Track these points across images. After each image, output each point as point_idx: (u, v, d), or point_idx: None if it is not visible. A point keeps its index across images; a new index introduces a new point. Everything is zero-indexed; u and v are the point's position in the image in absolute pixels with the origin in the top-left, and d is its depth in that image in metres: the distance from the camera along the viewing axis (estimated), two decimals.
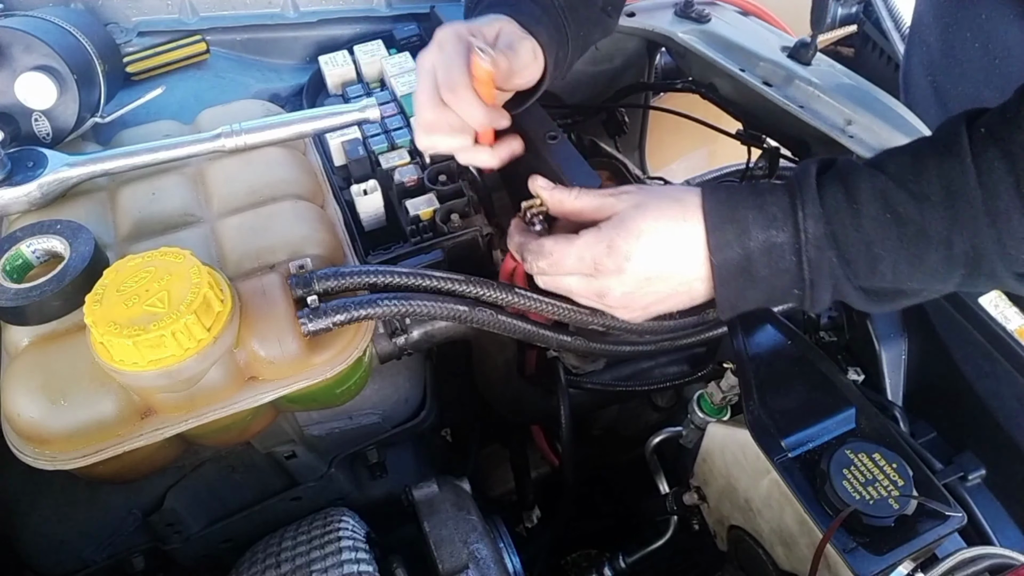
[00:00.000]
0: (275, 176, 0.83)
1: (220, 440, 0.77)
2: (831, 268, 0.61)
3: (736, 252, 0.62)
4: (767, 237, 0.61)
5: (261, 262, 0.75)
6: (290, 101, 1.10)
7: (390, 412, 0.95)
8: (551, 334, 0.81)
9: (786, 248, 0.61)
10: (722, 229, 0.62)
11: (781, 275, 0.62)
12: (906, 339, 0.96)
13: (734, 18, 1.14)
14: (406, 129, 0.93)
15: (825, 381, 0.76)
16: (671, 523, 0.99)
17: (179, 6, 1.08)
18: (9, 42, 0.84)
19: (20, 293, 0.68)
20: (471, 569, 0.78)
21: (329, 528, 0.79)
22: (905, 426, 0.90)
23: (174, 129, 0.90)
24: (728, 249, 0.62)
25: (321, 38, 1.14)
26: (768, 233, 0.61)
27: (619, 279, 0.66)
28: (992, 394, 0.87)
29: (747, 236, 0.62)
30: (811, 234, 0.60)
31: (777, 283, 0.63)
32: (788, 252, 0.61)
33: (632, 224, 0.65)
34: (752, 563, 0.80)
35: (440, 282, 0.75)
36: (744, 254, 0.62)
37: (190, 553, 0.93)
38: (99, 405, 0.66)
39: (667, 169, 1.66)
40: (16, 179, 0.78)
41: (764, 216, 0.61)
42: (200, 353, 0.62)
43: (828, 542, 0.64)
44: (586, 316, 0.75)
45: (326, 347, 0.71)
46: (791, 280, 0.63)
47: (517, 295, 0.74)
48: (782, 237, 0.61)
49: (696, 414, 0.91)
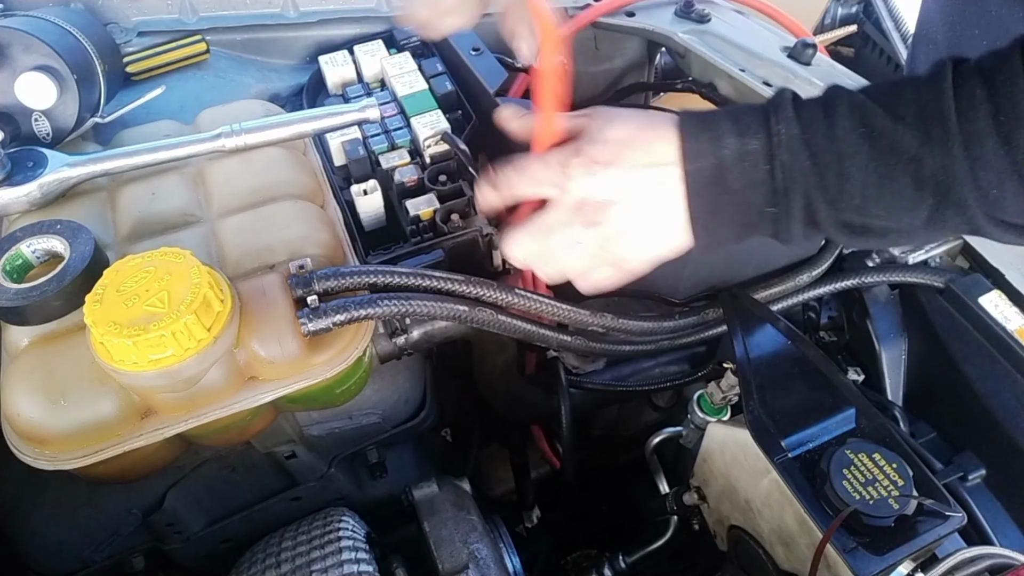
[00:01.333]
0: (275, 176, 0.83)
1: (220, 440, 0.77)
2: (804, 175, 0.60)
3: (710, 160, 0.61)
4: (740, 144, 0.60)
5: (261, 262, 0.75)
6: (290, 101, 1.09)
7: (390, 412, 0.95)
8: (551, 334, 0.81)
9: (760, 155, 0.60)
10: (696, 137, 0.62)
11: (755, 187, 0.61)
12: (906, 339, 0.96)
13: (734, 18, 1.14)
14: (406, 129, 0.93)
15: (825, 381, 0.76)
16: (671, 523, 0.99)
17: (179, 6, 1.08)
18: (9, 42, 0.84)
19: (20, 293, 0.68)
20: (471, 569, 0.78)
21: (329, 528, 0.79)
22: (905, 426, 0.90)
23: (174, 129, 0.90)
24: (702, 158, 0.61)
25: (321, 38, 1.14)
26: (741, 140, 0.60)
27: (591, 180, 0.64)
28: (992, 394, 0.87)
29: (721, 144, 0.61)
30: (784, 136, 0.59)
31: (751, 197, 0.62)
32: (761, 160, 0.60)
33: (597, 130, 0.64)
34: (752, 563, 0.80)
35: (440, 282, 0.75)
36: (717, 163, 0.61)
37: (190, 553, 0.93)
38: (99, 405, 0.66)
39: None
40: (16, 179, 0.78)
41: (738, 126, 0.61)
42: (200, 353, 0.62)
43: (828, 542, 0.64)
44: (586, 317, 0.76)
45: (326, 347, 0.71)
46: (765, 195, 0.61)
47: (517, 295, 0.74)
48: (755, 144, 0.60)
49: (696, 414, 0.91)
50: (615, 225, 0.65)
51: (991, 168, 0.55)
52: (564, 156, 0.65)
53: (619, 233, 0.65)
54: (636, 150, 0.63)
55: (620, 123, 0.65)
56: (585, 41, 1.23)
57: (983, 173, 0.55)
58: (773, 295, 0.95)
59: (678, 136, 0.62)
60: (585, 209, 0.65)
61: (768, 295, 0.95)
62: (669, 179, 0.63)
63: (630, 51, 1.26)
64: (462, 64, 0.99)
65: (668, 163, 0.62)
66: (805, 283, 0.96)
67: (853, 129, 0.58)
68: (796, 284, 0.95)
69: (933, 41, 1.06)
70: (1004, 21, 0.89)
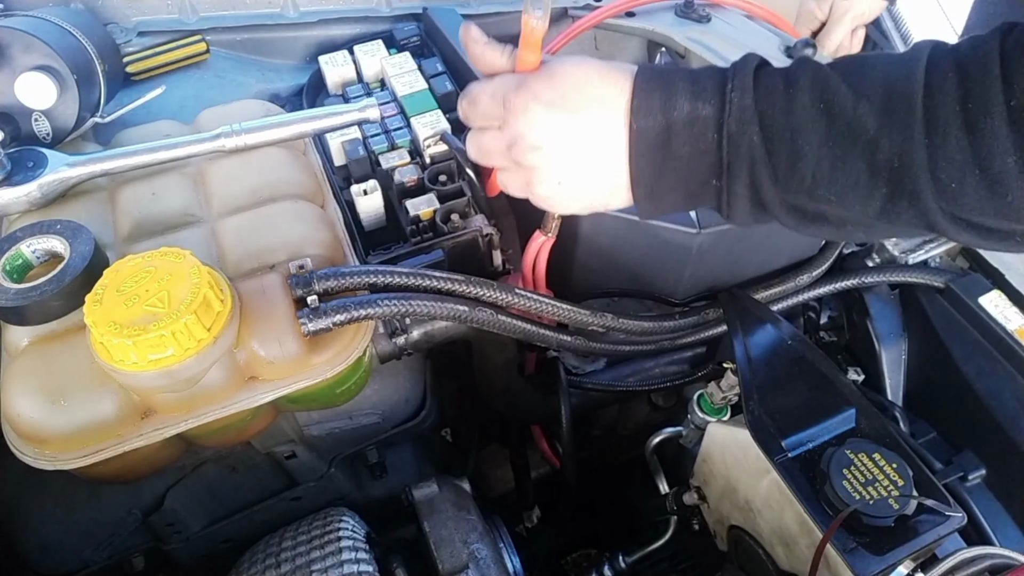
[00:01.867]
0: (275, 176, 0.83)
1: (220, 440, 0.77)
2: (750, 150, 0.56)
3: (658, 121, 0.58)
4: (692, 109, 0.57)
5: (261, 262, 0.75)
6: (290, 101, 1.10)
7: (390, 412, 0.95)
8: (551, 334, 0.81)
9: (709, 123, 0.57)
10: (648, 93, 0.58)
11: (700, 157, 0.58)
12: (906, 339, 0.96)
13: (734, 18, 1.14)
14: (406, 129, 0.93)
15: (825, 381, 0.76)
16: (671, 523, 0.99)
17: (179, 6, 1.08)
18: (9, 42, 0.84)
19: (20, 293, 0.68)
20: (471, 569, 0.78)
21: (329, 528, 0.79)
22: (905, 426, 0.90)
23: (174, 129, 0.90)
24: (651, 117, 0.58)
25: (321, 38, 1.14)
26: (694, 104, 0.57)
27: (525, 119, 0.60)
28: (992, 394, 0.87)
29: (672, 105, 0.57)
30: (736, 106, 0.56)
31: (696, 166, 0.58)
32: (711, 128, 0.57)
33: (549, 68, 0.61)
34: (752, 563, 0.80)
35: (440, 282, 0.75)
36: (666, 124, 0.58)
37: (190, 553, 0.93)
38: (99, 405, 0.66)
39: None
40: (16, 179, 0.78)
41: (694, 87, 0.57)
42: (200, 353, 0.62)
43: (828, 542, 0.64)
44: (586, 316, 0.76)
45: (326, 347, 0.71)
46: (710, 166, 0.58)
47: (517, 295, 0.74)
48: (707, 110, 0.57)
49: (696, 414, 0.91)
50: (541, 172, 0.62)
51: (952, 159, 0.51)
52: (507, 88, 0.61)
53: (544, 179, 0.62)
54: (581, 94, 0.59)
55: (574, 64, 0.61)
56: (585, 41, 1.23)
57: (943, 164, 0.51)
58: (773, 295, 0.95)
59: (630, 88, 0.58)
60: (514, 149, 0.62)
61: (768, 295, 0.95)
62: (611, 134, 0.59)
63: (630, 51, 1.26)
64: (462, 63, 0.99)
65: (613, 117, 0.59)
66: (805, 284, 0.96)
67: (812, 104, 0.55)
68: (796, 285, 0.95)
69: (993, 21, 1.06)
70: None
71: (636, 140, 0.59)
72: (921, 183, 0.52)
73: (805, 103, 0.55)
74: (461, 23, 1.04)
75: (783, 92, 0.56)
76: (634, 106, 0.58)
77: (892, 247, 0.99)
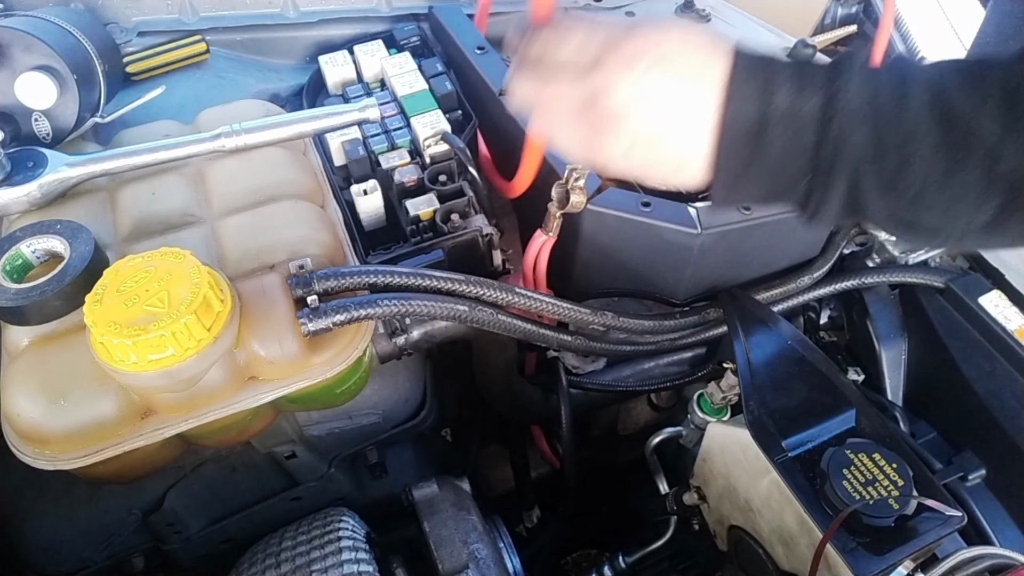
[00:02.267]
0: (275, 176, 0.83)
1: (220, 440, 0.77)
2: (858, 152, 0.52)
3: (754, 109, 0.52)
4: (795, 100, 0.52)
5: (261, 262, 0.75)
6: (290, 101, 1.09)
7: (390, 412, 0.95)
8: (551, 333, 0.81)
9: (813, 119, 0.52)
10: (746, 80, 0.52)
11: (796, 155, 0.53)
12: (906, 339, 0.96)
13: (734, 18, 1.14)
14: (406, 129, 0.93)
15: (825, 381, 0.77)
16: (671, 523, 1.00)
17: (179, 6, 1.08)
18: (9, 42, 0.84)
19: (20, 293, 0.68)
20: (471, 569, 0.78)
21: (329, 528, 0.79)
22: (905, 426, 0.90)
23: (174, 129, 0.90)
24: (746, 104, 0.52)
25: (321, 38, 1.13)
26: (799, 95, 0.52)
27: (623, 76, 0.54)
28: (992, 394, 0.87)
29: (772, 94, 0.52)
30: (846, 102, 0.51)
31: (789, 164, 0.54)
32: (814, 125, 0.52)
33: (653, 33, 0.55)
34: (752, 563, 0.80)
35: (440, 282, 0.75)
36: (762, 114, 0.52)
37: (190, 553, 0.93)
38: (99, 405, 0.66)
39: None
40: (16, 179, 0.78)
41: (800, 76, 0.52)
42: (200, 353, 0.62)
43: (828, 542, 0.64)
44: (586, 315, 0.76)
45: (326, 347, 0.71)
46: (805, 163, 0.53)
47: (517, 294, 0.74)
48: (811, 104, 0.52)
49: (696, 414, 0.91)
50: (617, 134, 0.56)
51: None
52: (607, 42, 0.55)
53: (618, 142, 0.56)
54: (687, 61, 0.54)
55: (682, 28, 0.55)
56: None
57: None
58: (774, 296, 0.95)
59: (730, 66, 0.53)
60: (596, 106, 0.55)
61: (769, 296, 0.95)
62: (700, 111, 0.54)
63: None
64: (467, 63, 0.99)
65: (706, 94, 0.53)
66: (806, 285, 0.96)
67: (928, 108, 0.50)
68: (797, 286, 0.95)
69: None
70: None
71: (727, 127, 0.53)
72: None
73: (921, 105, 0.51)
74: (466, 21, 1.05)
75: (897, 91, 0.51)
76: (730, 91, 0.52)
77: (892, 247, 0.98)
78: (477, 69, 0.97)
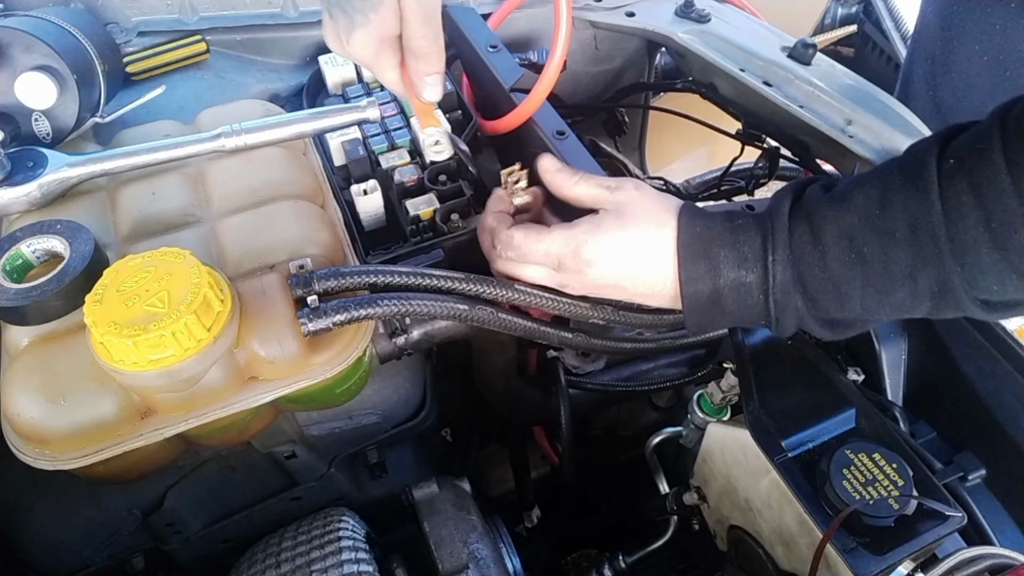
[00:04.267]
0: (275, 176, 0.83)
1: (220, 440, 0.77)
2: (796, 309, 0.63)
3: (707, 286, 0.64)
4: (737, 276, 0.63)
5: (261, 262, 0.75)
6: (290, 101, 1.10)
7: (390, 412, 0.95)
8: (552, 330, 0.80)
9: (754, 287, 0.63)
10: (694, 264, 0.64)
11: (749, 309, 0.65)
12: (906, 339, 0.96)
13: (734, 18, 1.14)
14: (406, 129, 0.93)
15: (825, 381, 0.77)
16: (671, 523, 0.99)
17: (179, 6, 1.08)
18: (9, 42, 0.84)
19: (20, 293, 0.68)
20: (471, 569, 0.78)
21: (329, 528, 0.79)
22: (905, 426, 0.90)
23: (174, 129, 0.90)
24: (699, 283, 0.65)
25: (321, 38, 1.13)
26: (739, 272, 0.63)
27: (579, 279, 0.69)
28: (992, 394, 0.87)
29: (718, 274, 0.64)
30: (779, 280, 0.62)
31: (745, 315, 0.65)
32: (756, 291, 0.63)
33: (602, 235, 0.67)
34: (752, 563, 0.80)
35: (440, 280, 0.75)
36: (714, 289, 0.64)
37: (190, 553, 0.93)
38: (99, 405, 0.66)
39: (667, 169, 1.66)
40: (16, 179, 0.78)
41: (736, 255, 0.63)
42: (200, 353, 0.62)
43: (828, 542, 0.64)
44: (586, 309, 0.75)
45: (326, 347, 0.71)
46: (758, 313, 0.65)
47: (517, 291, 0.74)
48: (751, 278, 0.63)
49: (696, 414, 0.91)
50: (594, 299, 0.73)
51: (990, 273, 0.55)
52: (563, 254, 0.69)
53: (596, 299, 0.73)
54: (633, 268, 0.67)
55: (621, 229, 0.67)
56: (585, 41, 1.23)
57: (981, 278, 0.55)
58: None
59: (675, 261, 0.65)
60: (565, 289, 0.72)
61: None
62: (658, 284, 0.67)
63: (630, 51, 1.26)
64: (479, 60, 0.99)
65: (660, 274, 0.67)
66: None
67: (844, 256, 0.59)
68: None
69: (931, 57, 1.05)
70: (1009, 35, 0.89)
71: (688, 302, 0.66)
72: (964, 300, 0.57)
73: (837, 256, 0.60)
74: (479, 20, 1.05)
75: (815, 251, 0.61)
76: (682, 277, 0.65)
77: None
78: (490, 67, 0.97)
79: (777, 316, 0.64)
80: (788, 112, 0.96)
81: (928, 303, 0.59)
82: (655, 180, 1.14)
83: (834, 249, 0.60)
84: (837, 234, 0.60)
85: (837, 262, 0.60)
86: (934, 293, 0.58)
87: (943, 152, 0.57)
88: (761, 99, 0.99)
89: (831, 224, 0.60)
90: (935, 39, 1.04)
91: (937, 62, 1.03)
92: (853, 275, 0.60)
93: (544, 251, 0.70)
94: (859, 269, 0.59)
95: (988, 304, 0.58)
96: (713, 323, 0.68)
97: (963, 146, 0.56)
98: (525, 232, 0.71)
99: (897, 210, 0.57)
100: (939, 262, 0.56)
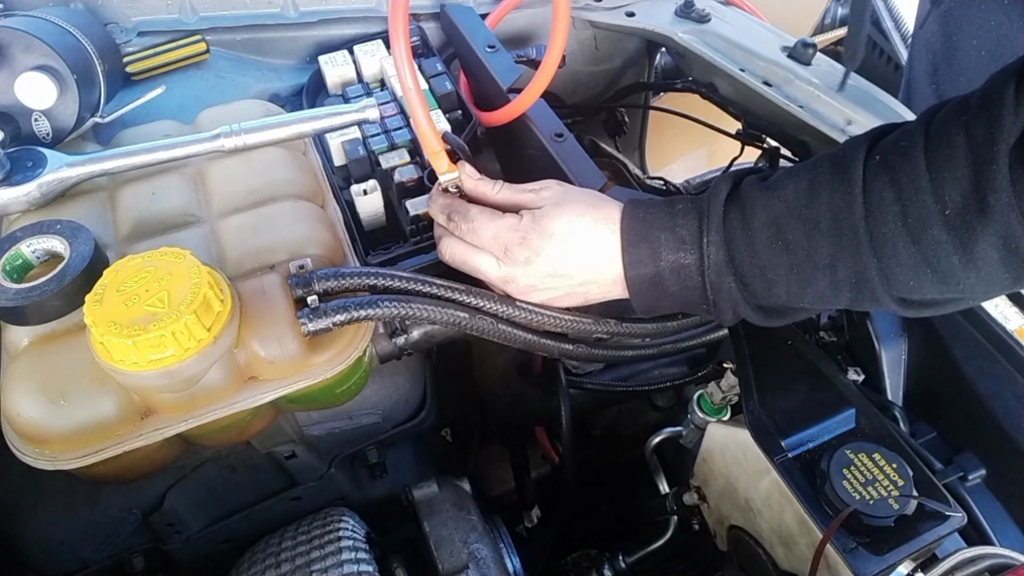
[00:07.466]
0: (275, 176, 0.83)
1: (220, 440, 0.77)
2: (729, 291, 0.65)
3: (649, 269, 0.67)
4: (676, 259, 0.66)
5: (261, 262, 0.75)
6: (290, 101, 1.09)
7: (390, 412, 0.95)
8: (552, 343, 0.80)
9: (692, 269, 0.66)
10: (636, 248, 0.67)
11: (689, 291, 0.67)
12: (906, 339, 0.96)
13: (734, 18, 1.14)
14: (406, 129, 0.93)
15: (825, 381, 0.77)
16: (671, 523, 0.99)
17: (179, 6, 1.08)
18: (9, 42, 0.84)
19: (20, 293, 0.68)
20: (471, 569, 0.78)
21: (329, 528, 0.79)
22: (905, 426, 0.90)
23: (174, 129, 0.90)
24: (642, 266, 0.67)
25: (321, 38, 1.14)
26: (677, 255, 0.66)
27: (525, 270, 0.71)
28: (992, 394, 0.87)
29: (658, 256, 0.67)
30: (712, 260, 0.65)
31: (686, 297, 0.68)
32: (695, 273, 0.66)
33: (547, 223, 0.69)
34: (752, 563, 0.80)
35: (441, 290, 0.75)
36: (656, 271, 0.67)
37: (190, 553, 0.93)
38: (99, 405, 0.66)
39: (667, 169, 1.66)
40: (16, 179, 0.78)
41: (675, 238, 0.66)
42: (200, 353, 0.62)
43: (828, 542, 0.64)
44: (589, 325, 0.76)
45: (326, 347, 0.71)
46: (698, 296, 0.67)
47: (519, 308, 0.74)
48: (689, 259, 0.66)
49: (696, 414, 0.91)
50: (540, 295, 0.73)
51: (904, 265, 0.57)
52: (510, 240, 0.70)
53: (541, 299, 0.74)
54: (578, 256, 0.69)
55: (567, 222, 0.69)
56: (585, 41, 1.23)
57: (897, 271, 0.58)
58: None
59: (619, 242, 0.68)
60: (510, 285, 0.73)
61: None
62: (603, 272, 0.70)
63: (630, 51, 1.26)
64: (477, 61, 0.99)
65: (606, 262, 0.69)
66: None
67: (771, 243, 0.62)
68: None
69: (932, 50, 1.06)
70: (1003, 30, 0.89)
71: (632, 285, 0.69)
72: (880, 291, 0.59)
73: (765, 242, 0.62)
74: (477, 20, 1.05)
75: (744, 236, 0.63)
76: (626, 260, 0.68)
77: None
78: (487, 67, 0.97)
79: (714, 299, 0.66)
80: (788, 112, 0.96)
81: (848, 294, 0.61)
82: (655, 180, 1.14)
83: (762, 235, 0.62)
84: (766, 220, 0.62)
85: (764, 248, 0.62)
86: (852, 284, 0.60)
87: (871, 148, 0.59)
88: (761, 99, 0.99)
89: (761, 211, 0.62)
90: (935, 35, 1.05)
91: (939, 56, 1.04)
92: (779, 262, 0.62)
93: (494, 233, 0.71)
94: (784, 256, 0.61)
95: (905, 302, 0.60)
96: (659, 304, 0.70)
97: (889, 144, 0.58)
98: (481, 209, 0.73)
99: (823, 201, 0.60)
100: (857, 253, 0.58)
